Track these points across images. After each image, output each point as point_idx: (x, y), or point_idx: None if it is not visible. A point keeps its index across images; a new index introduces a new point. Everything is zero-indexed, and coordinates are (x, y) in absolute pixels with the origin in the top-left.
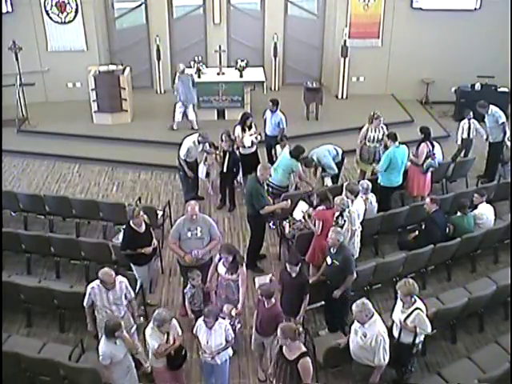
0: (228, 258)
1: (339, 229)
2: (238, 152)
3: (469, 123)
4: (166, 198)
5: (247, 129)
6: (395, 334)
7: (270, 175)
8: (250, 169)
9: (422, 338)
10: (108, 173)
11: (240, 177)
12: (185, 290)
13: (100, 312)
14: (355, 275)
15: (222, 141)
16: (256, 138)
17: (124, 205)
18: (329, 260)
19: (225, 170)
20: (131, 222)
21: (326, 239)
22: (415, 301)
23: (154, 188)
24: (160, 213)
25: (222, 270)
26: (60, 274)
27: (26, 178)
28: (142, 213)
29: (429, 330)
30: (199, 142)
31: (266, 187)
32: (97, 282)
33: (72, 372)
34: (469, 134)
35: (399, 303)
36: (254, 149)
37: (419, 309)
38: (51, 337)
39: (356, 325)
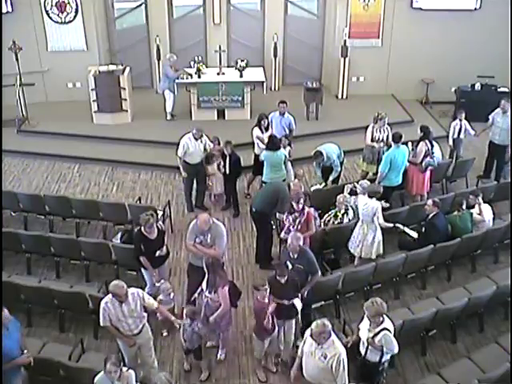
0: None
1: (299, 234)
2: (253, 153)
3: (460, 124)
4: (166, 198)
5: (264, 130)
6: (362, 351)
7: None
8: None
9: (388, 356)
10: (108, 173)
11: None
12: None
13: (117, 327)
14: (320, 272)
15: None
16: None
17: (124, 204)
18: (289, 265)
19: (227, 171)
20: (143, 228)
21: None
22: (383, 320)
23: (154, 188)
24: (160, 213)
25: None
26: (60, 273)
27: (26, 178)
28: (154, 224)
29: (396, 350)
30: (195, 138)
31: None
32: (109, 296)
33: (72, 372)
34: (459, 135)
35: (366, 321)
36: None
37: (387, 329)
38: (51, 337)
39: (311, 346)
